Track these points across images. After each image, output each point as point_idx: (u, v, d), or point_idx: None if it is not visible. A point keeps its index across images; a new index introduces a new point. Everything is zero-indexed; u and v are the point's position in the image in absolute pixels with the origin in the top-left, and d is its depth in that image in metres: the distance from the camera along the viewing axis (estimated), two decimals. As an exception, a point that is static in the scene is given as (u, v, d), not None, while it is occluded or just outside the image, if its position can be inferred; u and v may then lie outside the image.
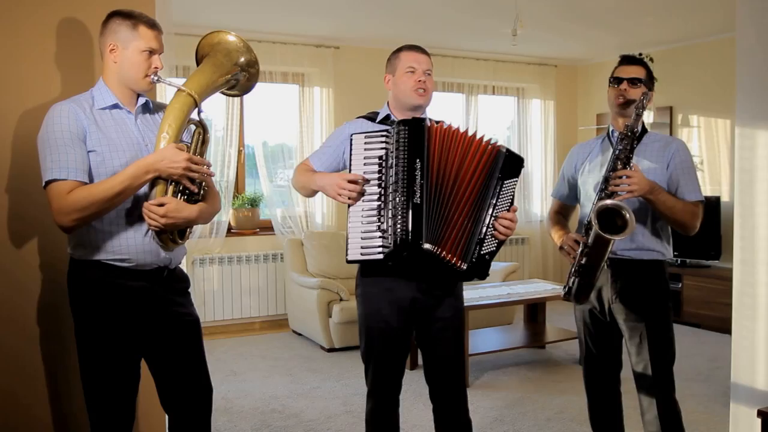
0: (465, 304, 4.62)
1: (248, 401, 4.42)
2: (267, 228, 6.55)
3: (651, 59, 6.86)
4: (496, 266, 6.35)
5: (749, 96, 2.99)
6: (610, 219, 2.52)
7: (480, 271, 2.48)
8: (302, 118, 6.60)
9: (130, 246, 2.23)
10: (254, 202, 6.52)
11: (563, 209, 3.06)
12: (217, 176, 6.25)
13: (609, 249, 2.58)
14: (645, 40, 6.80)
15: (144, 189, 2.21)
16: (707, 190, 6.69)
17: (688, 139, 6.91)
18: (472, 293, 5.13)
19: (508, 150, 2.51)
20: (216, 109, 6.24)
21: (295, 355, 5.55)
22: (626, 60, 2.87)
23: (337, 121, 6.56)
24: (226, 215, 6.32)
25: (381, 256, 2.43)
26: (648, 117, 7.11)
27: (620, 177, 2.57)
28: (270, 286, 6.48)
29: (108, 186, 2.11)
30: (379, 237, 2.43)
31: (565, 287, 2.71)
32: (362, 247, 2.45)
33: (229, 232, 6.40)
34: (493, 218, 2.47)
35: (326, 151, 2.72)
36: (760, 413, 2.81)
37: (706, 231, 5.96)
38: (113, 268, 2.22)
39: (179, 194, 2.24)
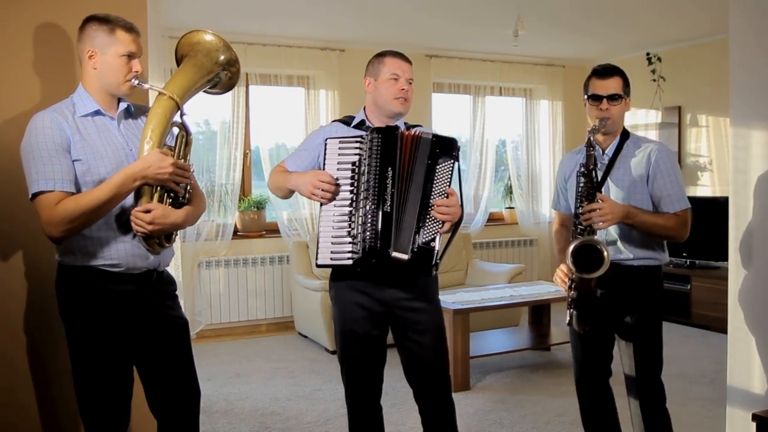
0: (466, 307, 4.66)
1: (249, 403, 4.44)
2: (273, 230, 6.56)
3: (659, 59, 6.85)
4: (501, 268, 6.33)
5: (743, 96, 2.95)
6: (588, 254, 2.55)
7: (423, 261, 2.42)
8: (308, 120, 6.62)
9: (120, 251, 2.23)
10: (260, 205, 6.55)
11: (566, 221, 3.02)
12: (223, 179, 6.28)
13: (594, 280, 2.60)
14: (653, 40, 6.74)
15: (131, 195, 2.21)
16: (716, 191, 6.62)
17: (697, 139, 6.84)
18: (475, 295, 5.11)
19: (435, 135, 2.49)
20: (221, 112, 6.28)
21: (299, 357, 5.57)
22: (601, 73, 2.76)
23: (342, 123, 6.56)
24: (232, 218, 6.34)
25: (350, 262, 2.46)
26: (656, 117, 7.05)
27: (590, 211, 2.57)
28: (276, 289, 6.50)
29: (95, 196, 2.12)
30: (349, 243, 2.46)
31: (568, 317, 2.73)
32: (332, 252, 2.48)
33: (235, 234, 6.42)
34: (429, 206, 2.44)
35: (302, 155, 2.73)
36: (755, 417, 2.78)
37: (714, 232, 5.90)
38: (103, 273, 2.22)
39: (165, 198, 2.25)
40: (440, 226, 2.45)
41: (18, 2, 2.63)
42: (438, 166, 2.47)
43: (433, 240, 2.45)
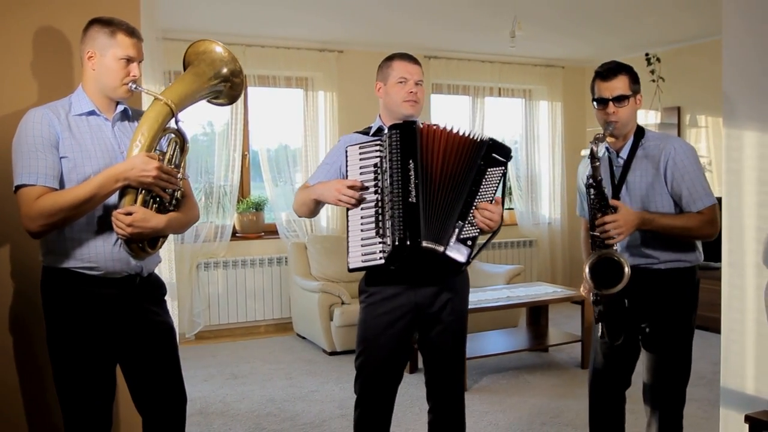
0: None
1: (245, 404, 4.44)
2: (271, 232, 6.57)
3: (658, 59, 6.83)
4: (499, 269, 6.32)
5: (736, 96, 2.96)
6: (608, 266, 2.47)
7: (459, 254, 2.45)
8: (306, 122, 6.62)
9: (99, 254, 2.22)
10: (259, 206, 6.55)
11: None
12: (222, 180, 6.29)
13: (619, 292, 2.51)
14: (652, 40, 6.73)
15: (115, 197, 2.19)
16: (715, 191, 6.57)
17: (696, 139, 6.82)
18: (473, 296, 5.06)
19: (491, 139, 2.51)
20: (220, 113, 6.29)
21: (296, 359, 5.57)
22: (604, 74, 2.64)
23: (341, 124, 6.57)
24: (230, 219, 6.35)
25: (382, 261, 2.44)
26: (656, 118, 7.03)
27: (603, 224, 2.48)
28: (275, 290, 6.51)
29: (75, 194, 2.11)
30: (379, 242, 2.45)
31: (600, 331, 2.65)
32: (363, 255, 2.47)
33: (234, 235, 6.43)
34: (473, 206, 2.46)
35: (324, 168, 2.74)
36: (747, 418, 2.77)
37: (713, 233, 5.86)
38: (83, 276, 2.22)
39: (151, 203, 2.23)
40: (479, 228, 2.47)
41: (14, 5, 2.64)
42: (489, 169, 2.49)
43: (471, 239, 2.46)
